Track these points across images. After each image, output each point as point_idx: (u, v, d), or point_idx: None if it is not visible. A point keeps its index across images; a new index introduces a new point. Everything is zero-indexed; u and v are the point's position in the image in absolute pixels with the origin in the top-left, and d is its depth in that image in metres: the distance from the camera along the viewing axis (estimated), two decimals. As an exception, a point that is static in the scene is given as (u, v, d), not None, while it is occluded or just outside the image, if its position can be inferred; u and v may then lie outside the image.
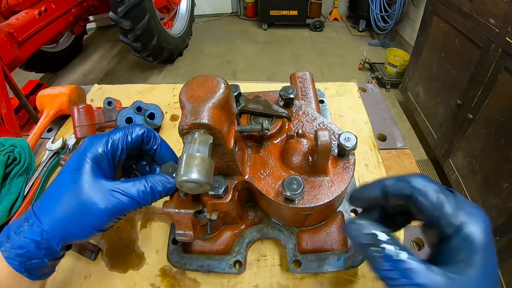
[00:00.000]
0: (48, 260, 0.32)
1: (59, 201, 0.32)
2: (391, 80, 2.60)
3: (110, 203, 0.31)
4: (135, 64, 3.10)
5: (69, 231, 0.31)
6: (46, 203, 0.32)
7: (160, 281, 0.47)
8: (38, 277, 0.33)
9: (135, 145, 0.36)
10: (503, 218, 1.23)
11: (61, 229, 0.31)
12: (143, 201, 0.33)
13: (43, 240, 0.31)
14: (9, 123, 1.37)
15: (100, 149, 0.34)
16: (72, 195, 0.31)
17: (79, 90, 0.75)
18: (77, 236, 0.32)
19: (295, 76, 0.61)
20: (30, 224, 0.31)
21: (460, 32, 1.59)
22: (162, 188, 0.34)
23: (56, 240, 0.31)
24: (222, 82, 0.36)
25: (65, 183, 0.32)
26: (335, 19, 3.80)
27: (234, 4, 4.06)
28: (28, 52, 1.82)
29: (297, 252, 0.46)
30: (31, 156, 0.59)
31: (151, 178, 0.35)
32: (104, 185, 0.32)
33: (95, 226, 0.32)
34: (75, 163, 0.33)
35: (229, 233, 0.49)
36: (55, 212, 0.31)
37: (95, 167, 0.33)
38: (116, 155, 0.35)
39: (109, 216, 0.32)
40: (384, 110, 0.73)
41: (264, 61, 3.14)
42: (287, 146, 0.43)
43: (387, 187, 0.29)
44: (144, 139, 0.37)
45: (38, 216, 0.31)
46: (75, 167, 0.33)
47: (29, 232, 0.31)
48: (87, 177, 0.32)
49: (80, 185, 0.32)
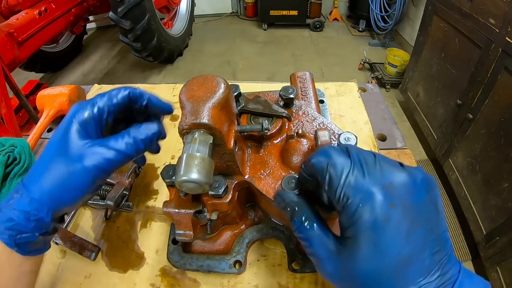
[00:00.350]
0: (38, 233, 0.31)
1: (47, 168, 0.31)
2: (391, 80, 2.60)
3: (95, 159, 0.31)
4: (135, 64, 3.10)
5: (57, 197, 0.31)
6: (34, 172, 0.32)
7: (160, 281, 0.47)
8: (29, 252, 0.32)
9: (122, 106, 0.35)
10: (503, 218, 1.23)
11: (49, 196, 0.31)
12: (128, 151, 0.33)
13: (32, 210, 0.30)
14: (9, 123, 1.37)
15: (86, 113, 0.33)
16: (58, 159, 0.31)
17: (79, 90, 0.75)
18: (65, 201, 0.31)
19: (295, 76, 0.61)
20: (19, 195, 0.31)
21: (460, 32, 1.59)
22: (144, 136, 0.34)
23: (45, 210, 0.31)
24: (222, 82, 0.36)
25: (52, 150, 0.32)
26: (335, 19, 3.80)
27: (234, 4, 4.06)
28: (28, 52, 1.82)
29: (297, 252, 0.46)
30: (31, 156, 0.59)
31: (133, 129, 0.34)
32: (88, 144, 0.32)
33: (81, 187, 0.31)
34: (62, 128, 0.33)
35: (229, 233, 0.49)
36: (43, 179, 0.31)
37: (82, 131, 0.33)
38: (103, 119, 0.34)
39: (95, 173, 0.31)
40: (384, 110, 0.73)
41: (264, 61, 3.14)
42: (287, 146, 0.43)
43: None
44: (131, 98, 0.36)
45: (27, 186, 0.31)
46: (62, 132, 0.32)
47: (17, 203, 0.30)
48: (73, 140, 0.32)
49: (66, 149, 0.31)
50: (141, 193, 0.59)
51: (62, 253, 0.51)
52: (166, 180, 0.40)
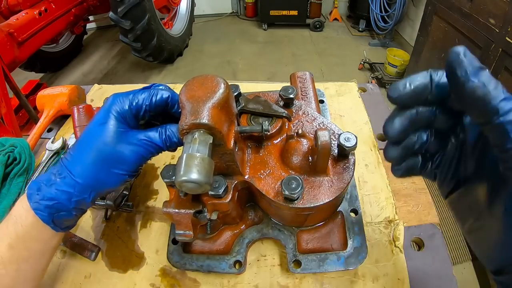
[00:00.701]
0: (76, 212, 0.34)
1: (90, 153, 0.33)
2: (391, 80, 2.60)
3: (139, 150, 0.35)
4: (135, 64, 3.10)
5: (102, 181, 0.34)
6: (77, 157, 0.34)
7: (160, 281, 0.47)
8: (62, 229, 0.35)
9: (159, 107, 0.38)
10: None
11: (94, 179, 0.33)
12: (164, 147, 0.37)
13: (75, 191, 0.32)
14: (9, 123, 1.37)
15: (126, 105, 0.36)
16: (102, 146, 0.33)
17: (79, 90, 0.75)
18: (109, 184, 0.34)
19: (295, 76, 0.61)
20: (62, 177, 0.33)
21: (460, 32, 1.59)
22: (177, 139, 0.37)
23: (88, 191, 0.33)
24: (222, 82, 0.36)
25: (94, 136, 0.34)
26: (335, 19, 3.80)
27: (234, 4, 4.06)
28: (28, 52, 1.82)
29: (297, 252, 0.46)
30: (31, 156, 0.60)
31: (170, 127, 0.37)
32: (131, 134, 0.35)
33: (127, 172, 0.35)
34: (102, 117, 0.35)
35: (229, 233, 0.49)
36: (87, 164, 0.33)
37: (121, 121, 0.35)
38: (140, 114, 0.37)
39: (139, 161, 0.35)
40: (384, 110, 0.73)
41: (264, 61, 3.14)
42: (287, 146, 0.43)
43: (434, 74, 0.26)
44: (169, 104, 0.38)
45: (69, 169, 0.33)
46: (102, 121, 0.35)
47: (62, 184, 0.32)
48: (114, 129, 0.34)
49: (110, 136, 0.34)
50: (141, 193, 0.59)
51: (62, 253, 0.51)
52: (166, 180, 0.40)
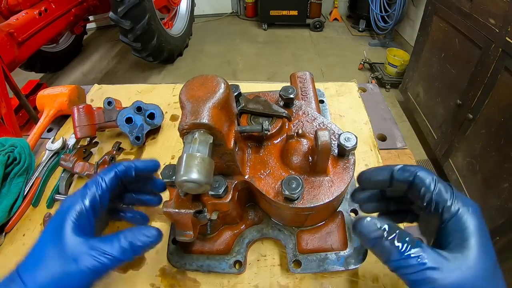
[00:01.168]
0: None
1: (42, 263, 0.32)
2: (391, 80, 2.60)
3: (91, 263, 0.31)
4: (135, 64, 3.10)
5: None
6: (30, 265, 0.32)
7: (160, 281, 0.47)
8: None
9: (112, 188, 0.36)
10: (503, 218, 1.23)
11: None
12: (125, 257, 0.33)
13: None
14: (9, 123, 1.37)
15: (78, 207, 0.34)
16: (54, 256, 0.32)
17: (79, 90, 0.75)
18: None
19: (295, 76, 0.61)
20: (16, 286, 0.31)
21: (460, 32, 1.59)
22: (142, 244, 0.34)
23: None
24: (222, 82, 0.36)
25: (47, 243, 0.33)
26: (335, 19, 3.80)
27: (234, 4, 4.06)
28: (28, 52, 1.82)
29: (297, 252, 0.46)
30: (31, 156, 0.60)
31: (130, 233, 0.34)
32: (84, 246, 0.32)
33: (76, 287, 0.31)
34: (55, 225, 0.33)
35: (229, 233, 0.49)
36: (38, 274, 0.31)
37: (76, 227, 0.33)
38: (96, 209, 0.35)
39: (91, 276, 0.31)
40: (384, 110, 0.73)
41: (264, 61, 3.14)
42: (287, 146, 0.43)
43: (394, 172, 0.33)
44: (119, 176, 0.36)
45: (22, 278, 0.31)
46: (56, 229, 0.33)
47: None
48: (68, 237, 0.32)
49: (61, 246, 0.32)
50: (141, 193, 0.58)
51: (62, 253, 0.51)
52: (166, 180, 0.40)
